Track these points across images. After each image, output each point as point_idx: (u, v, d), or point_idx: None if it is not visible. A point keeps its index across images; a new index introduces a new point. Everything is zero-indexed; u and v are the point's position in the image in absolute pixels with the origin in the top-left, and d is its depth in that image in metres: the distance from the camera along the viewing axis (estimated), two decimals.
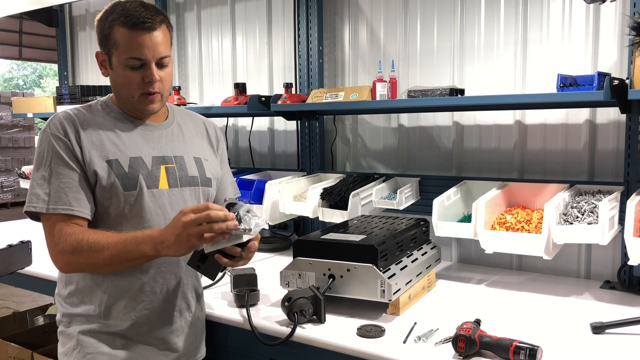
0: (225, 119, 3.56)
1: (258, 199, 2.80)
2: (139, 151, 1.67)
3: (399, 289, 1.90)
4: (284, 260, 2.13)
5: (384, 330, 1.76)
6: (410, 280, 2.01)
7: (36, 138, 11.31)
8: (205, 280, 1.87)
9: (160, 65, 1.63)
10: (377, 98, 2.51)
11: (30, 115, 4.06)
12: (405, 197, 2.59)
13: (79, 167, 1.60)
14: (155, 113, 1.73)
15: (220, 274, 1.68)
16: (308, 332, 1.79)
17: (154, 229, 1.56)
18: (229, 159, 3.52)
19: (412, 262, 2.08)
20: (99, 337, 1.66)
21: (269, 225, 2.81)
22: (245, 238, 1.51)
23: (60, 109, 3.76)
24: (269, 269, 2.25)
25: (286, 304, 1.82)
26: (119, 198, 1.62)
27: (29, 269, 2.17)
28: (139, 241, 1.53)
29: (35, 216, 1.62)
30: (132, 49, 1.59)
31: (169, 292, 1.73)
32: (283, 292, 1.93)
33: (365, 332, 1.74)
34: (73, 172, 1.59)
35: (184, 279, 1.77)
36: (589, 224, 2.03)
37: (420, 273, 2.11)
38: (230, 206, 1.52)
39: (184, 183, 1.73)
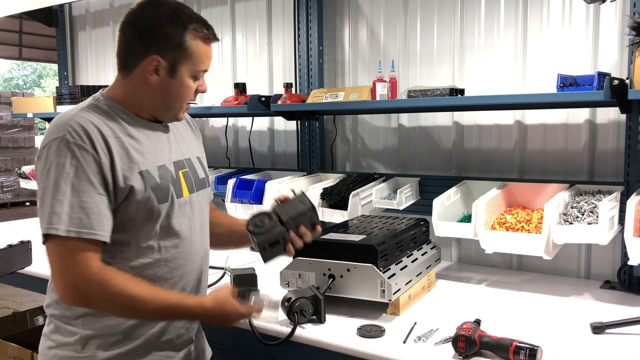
0: (225, 119, 3.56)
1: (258, 199, 2.80)
2: (162, 158, 1.55)
3: (399, 289, 1.90)
4: (284, 260, 2.13)
5: (384, 330, 1.76)
6: (410, 280, 2.01)
7: (36, 138, 11.34)
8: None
9: None
10: (377, 98, 2.51)
11: (30, 115, 4.05)
12: (405, 197, 2.59)
13: (103, 186, 1.41)
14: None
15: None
16: (308, 332, 1.79)
17: (194, 301, 1.53)
18: (228, 158, 3.56)
19: (412, 262, 2.08)
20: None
21: None
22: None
23: (60, 109, 3.76)
24: (269, 269, 2.25)
25: (286, 304, 1.82)
26: (153, 212, 1.49)
27: (29, 269, 2.17)
28: (183, 312, 1.50)
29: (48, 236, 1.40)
30: (205, 61, 1.54)
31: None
32: (283, 292, 1.93)
33: (365, 332, 1.74)
34: (95, 191, 1.39)
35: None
36: (589, 224, 2.03)
37: (420, 273, 2.11)
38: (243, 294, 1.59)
39: (198, 187, 1.66)
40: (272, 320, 1.77)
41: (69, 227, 1.36)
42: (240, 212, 2.86)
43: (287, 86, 2.85)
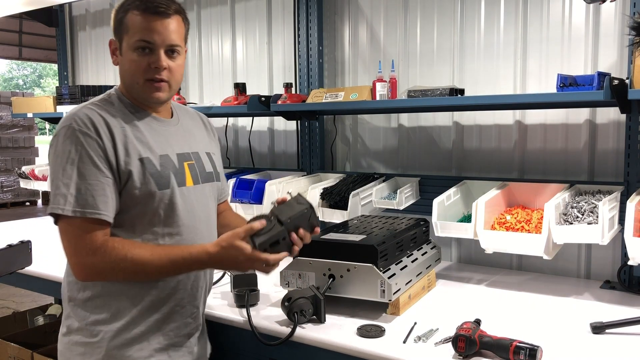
0: (225, 119, 3.56)
1: (258, 199, 2.80)
2: (165, 148, 1.64)
3: (399, 289, 1.90)
4: (284, 260, 2.12)
5: (384, 330, 1.76)
6: (410, 280, 2.01)
7: (36, 138, 11.35)
8: None
9: (171, 53, 1.60)
10: (377, 98, 2.51)
11: (30, 115, 4.05)
12: (405, 197, 2.59)
13: (108, 168, 1.52)
14: (161, 103, 1.67)
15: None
16: (308, 332, 1.79)
17: (199, 248, 1.53)
18: (228, 158, 3.56)
19: (412, 262, 2.08)
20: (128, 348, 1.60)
21: None
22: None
23: (60, 109, 3.76)
24: None
25: (286, 304, 1.82)
26: (154, 198, 1.57)
27: (29, 269, 2.17)
28: (189, 263, 1.53)
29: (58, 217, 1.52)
30: (142, 32, 1.56)
31: (194, 302, 1.73)
32: (283, 292, 1.93)
33: (365, 332, 1.74)
34: (101, 174, 1.50)
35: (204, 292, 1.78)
36: (589, 224, 2.03)
37: (420, 273, 2.11)
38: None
39: (204, 179, 1.73)
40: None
41: (74, 207, 1.47)
42: (240, 212, 2.86)
43: (287, 86, 2.85)
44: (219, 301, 2.10)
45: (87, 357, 1.59)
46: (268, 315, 1.94)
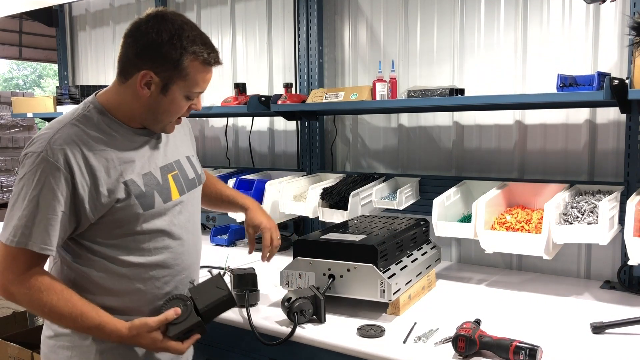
0: (225, 119, 3.56)
1: (258, 199, 2.80)
2: (147, 166, 1.60)
3: (399, 289, 1.90)
4: (284, 260, 2.13)
5: (384, 330, 1.76)
6: (410, 280, 2.01)
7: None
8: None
9: None
10: (377, 98, 2.51)
11: (30, 115, 4.05)
12: (405, 197, 2.59)
13: (69, 203, 1.46)
14: None
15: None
16: (308, 332, 1.79)
17: (111, 326, 1.49)
18: (228, 158, 3.56)
19: (412, 262, 2.08)
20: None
21: None
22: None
23: (60, 109, 3.77)
24: (269, 269, 2.25)
25: (286, 304, 1.82)
26: (140, 219, 1.55)
27: None
28: (100, 333, 1.50)
29: None
30: (201, 84, 1.55)
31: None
32: (283, 292, 1.93)
33: (365, 332, 1.74)
34: (55, 208, 1.44)
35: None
36: (589, 224, 2.03)
37: (420, 273, 2.11)
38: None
39: (188, 187, 1.71)
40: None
41: (9, 237, 1.44)
42: None
43: (287, 86, 2.85)
44: None
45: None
46: (268, 315, 1.94)
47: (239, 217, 2.77)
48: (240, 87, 3.05)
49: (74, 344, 1.58)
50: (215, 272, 1.59)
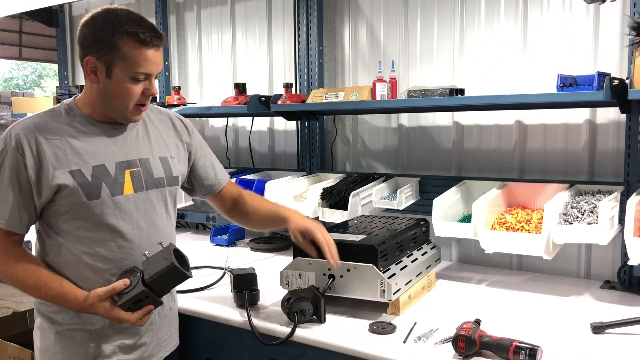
0: (225, 119, 3.56)
1: None
2: (102, 158, 1.65)
3: (399, 289, 1.90)
4: (284, 260, 2.13)
5: (395, 326, 1.77)
6: (410, 280, 2.01)
7: None
8: (201, 281, 1.86)
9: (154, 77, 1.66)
10: (377, 98, 2.51)
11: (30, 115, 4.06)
12: (405, 197, 2.59)
13: (25, 183, 1.59)
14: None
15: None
16: (308, 332, 1.79)
17: (70, 294, 1.60)
18: (228, 158, 3.56)
19: (412, 262, 2.08)
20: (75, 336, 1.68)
21: None
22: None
23: None
24: (269, 269, 2.25)
25: (286, 304, 1.82)
26: (84, 207, 1.61)
27: None
28: (66, 302, 1.61)
29: None
30: (143, 64, 1.58)
31: None
32: (283, 292, 1.93)
33: (375, 329, 1.76)
34: (14, 187, 1.58)
35: None
36: (589, 224, 2.03)
37: (420, 273, 2.11)
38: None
39: (150, 186, 1.73)
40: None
41: None
42: None
43: (287, 86, 2.85)
44: (219, 301, 2.10)
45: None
46: (268, 315, 1.94)
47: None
48: (240, 87, 3.05)
49: (41, 326, 1.72)
50: (165, 244, 1.63)
